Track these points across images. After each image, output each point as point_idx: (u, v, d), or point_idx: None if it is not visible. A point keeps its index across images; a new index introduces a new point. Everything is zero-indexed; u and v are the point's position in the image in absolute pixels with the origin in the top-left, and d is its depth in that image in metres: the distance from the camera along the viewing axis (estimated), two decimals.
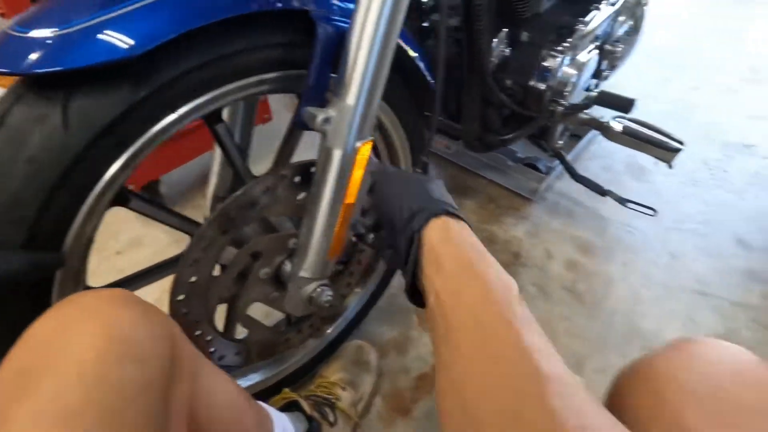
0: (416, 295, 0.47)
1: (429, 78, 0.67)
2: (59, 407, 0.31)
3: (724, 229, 1.37)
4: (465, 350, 0.36)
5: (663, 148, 0.92)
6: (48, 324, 0.37)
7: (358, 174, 0.57)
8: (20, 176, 0.40)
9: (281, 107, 1.86)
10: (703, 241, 1.33)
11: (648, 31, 2.42)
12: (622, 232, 1.36)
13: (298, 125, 0.54)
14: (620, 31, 1.15)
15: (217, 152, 0.72)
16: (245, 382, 0.82)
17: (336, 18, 0.52)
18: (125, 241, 1.34)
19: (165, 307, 0.56)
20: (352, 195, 0.58)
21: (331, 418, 0.80)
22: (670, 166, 0.95)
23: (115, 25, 0.39)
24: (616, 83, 2.02)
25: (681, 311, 1.15)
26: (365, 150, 0.55)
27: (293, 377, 0.88)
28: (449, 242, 0.44)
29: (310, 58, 0.51)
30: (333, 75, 0.54)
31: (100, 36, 0.38)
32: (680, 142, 0.91)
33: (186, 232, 0.61)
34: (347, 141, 0.54)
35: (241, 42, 0.48)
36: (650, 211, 1.18)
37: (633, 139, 0.94)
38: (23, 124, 0.40)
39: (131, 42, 0.39)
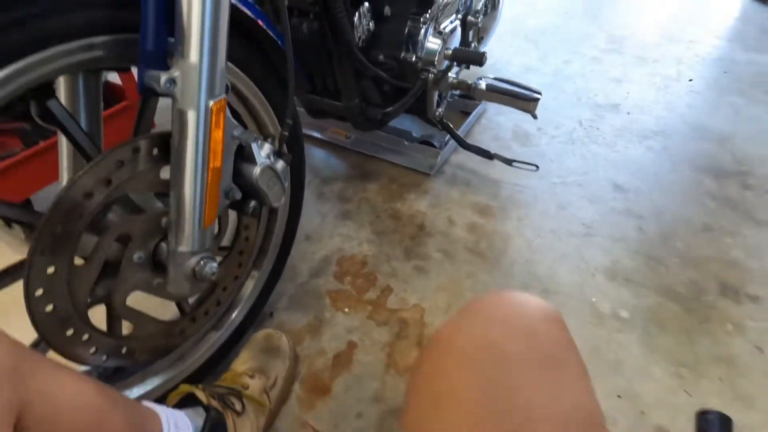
0: None
1: (279, 42, 0.67)
2: None
3: (601, 178, 1.51)
4: None
5: (525, 99, 1.00)
6: None
7: (217, 134, 0.56)
8: None
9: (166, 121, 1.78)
10: (584, 190, 1.46)
11: (524, 16, 2.64)
12: (515, 192, 1.45)
13: (143, 91, 0.52)
14: (479, 5, 1.24)
15: (62, 143, 0.67)
16: (144, 387, 0.77)
17: None
18: None
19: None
20: (217, 157, 0.57)
21: (239, 408, 0.77)
22: (535, 117, 1.03)
23: None
24: (500, 61, 2.18)
25: (571, 253, 1.25)
26: (220, 107, 0.54)
27: (199, 375, 0.84)
28: None
29: (141, 20, 0.50)
30: (171, 39, 0.53)
31: None
32: (538, 92, 0.99)
33: (30, 225, 0.56)
34: (199, 100, 0.53)
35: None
36: (532, 167, 1.28)
37: (498, 94, 1.01)
38: None
39: None
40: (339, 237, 1.29)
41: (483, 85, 1.01)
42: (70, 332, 0.58)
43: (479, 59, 0.96)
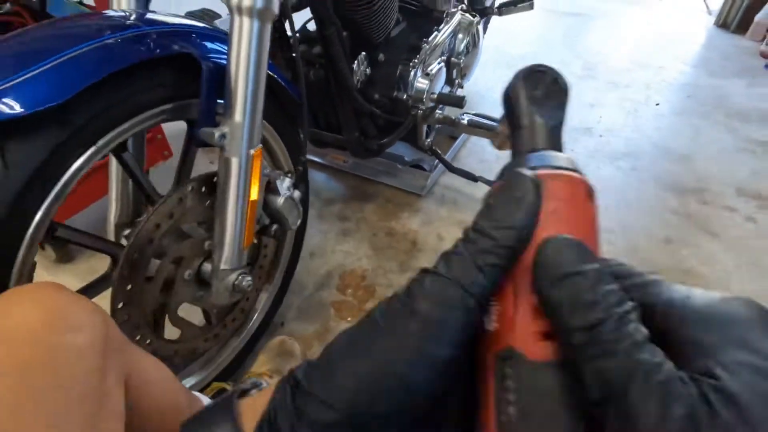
0: None
1: (295, 96, 0.83)
2: (9, 366, 0.37)
3: None
4: None
5: (491, 130, 1.16)
6: None
7: (255, 175, 0.71)
8: None
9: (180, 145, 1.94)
10: None
11: (507, 44, 2.83)
12: None
13: (198, 143, 0.67)
14: (461, 47, 1.42)
15: (113, 181, 0.80)
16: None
17: (214, 56, 0.66)
18: None
19: None
20: (255, 193, 0.72)
21: None
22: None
23: (44, 77, 0.50)
24: (484, 88, 2.36)
25: None
26: (257, 154, 0.69)
27: (224, 375, 0.98)
28: None
29: (200, 90, 0.65)
30: (220, 101, 0.68)
31: (30, 89, 0.49)
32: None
33: (109, 254, 0.70)
34: (242, 149, 0.68)
35: (144, 82, 0.60)
36: None
37: (477, 129, 1.17)
38: None
39: (55, 92, 0.49)
40: (340, 253, 1.44)
41: (465, 120, 1.17)
42: (138, 337, 0.71)
43: (459, 103, 1.13)
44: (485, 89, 2.35)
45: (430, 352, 0.23)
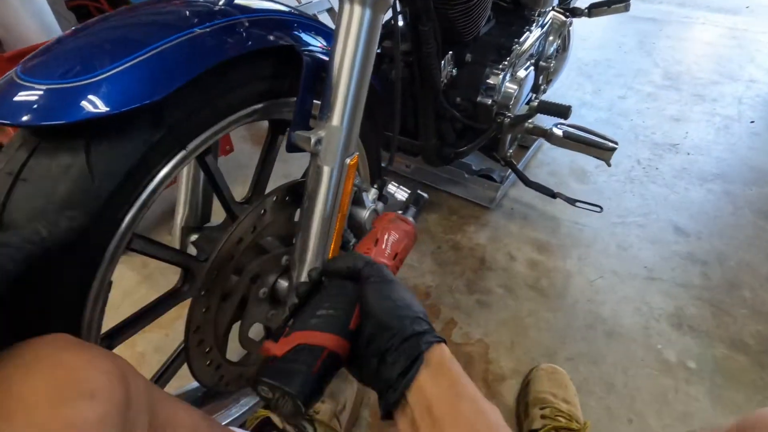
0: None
1: (384, 99, 0.74)
2: None
3: (662, 220, 1.51)
4: None
5: (601, 148, 1.03)
6: None
7: (348, 186, 0.62)
8: (49, 227, 0.40)
9: (239, 139, 1.89)
10: (644, 231, 1.47)
11: (577, 48, 2.66)
12: (574, 230, 1.47)
13: (290, 148, 0.58)
14: (551, 50, 1.29)
15: (183, 184, 0.74)
16: (230, 413, 0.82)
17: (316, 51, 0.58)
18: None
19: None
20: (345, 206, 0.63)
21: (310, 431, 0.82)
22: (609, 165, 1.06)
23: (139, 71, 0.42)
24: (554, 95, 2.21)
25: (634, 296, 1.26)
26: (353, 164, 0.60)
27: None
28: (450, 364, 0.44)
29: (298, 88, 0.56)
30: (315, 101, 0.59)
31: (125, 83, 0.41)
32: (615, 143, 1.02)
33: (183, 267, 0.63)
34: (337, 158, 0.59)
35: (238, 78, 0.52)
36: (596, 208, 1.30)
37: (574, 142, 1.04)
38: (47, 176, 0.40)
39: (153, 88, 0.42)
40: (403, 266, 1.34)
41: (560, 133, 1.04)
42: (208, 362, 0.64)
43: (565, 113, 1.00)
44: (554, 96, 2.20)
45: None
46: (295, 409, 0.43)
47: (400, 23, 0.97)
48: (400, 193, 0.73)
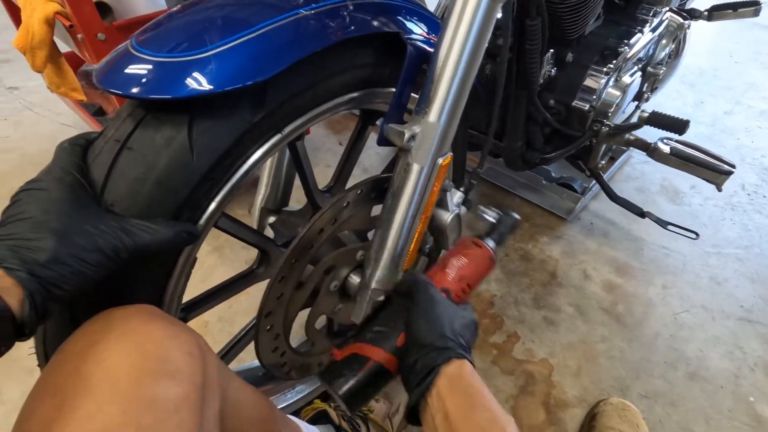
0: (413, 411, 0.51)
1: (482, 96, 0.68)
2: (96, 428, 0.31)
3: (766, 255, 1.35)
4: None
5: (714, 171, 0.91)
6: (80, 342, 0.36)
7: (437, 188, 0.58)
8: (147, 198, 0.41)
9: None
10: (744, 266, 1.32)
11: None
12: (660, 254, 1.34)
13: (381, 141, 0.55)
14: (662, 55, 1.17)
15: (267, 166, 0.74)
16: (287, 399, 0.82)
17: (420, 41, 0.54)
18: None
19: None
20: (429, 208, 0.59)
21: (363, 430, 0.80)
22: (720, 189, 0.95)
23: (245, 50, 0.41)
24: (650, 103, 2.03)
25: (726, 337, 1.13)
26: (445, 164, 0.56)
27: (326, 393, 0.88)
28: (469, 378, 0.48)
29: (398, 78, 0.53)
30: (413, 95, 0.56)
31: (231, 62, 0.40)
32: (732, 165, 0.91)
33: (261, 249, 0.62)
34: (429, 157, 0.55)
35: (340, 63, 0.50)
36: (692, 234, 1.17)
37: (681, 160, 0.94)
38: (150, 147, 0.41)
39: (257, 68, 0.41)
40: None
41: (666, 149, 0.94)
42: (274, 348, 0.63)
43: (681, 128, 0.90)
44: (655, 106, 2.02)
45: None
46: (342, 406, 0.52)
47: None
48: (489, 214, 0.69)
